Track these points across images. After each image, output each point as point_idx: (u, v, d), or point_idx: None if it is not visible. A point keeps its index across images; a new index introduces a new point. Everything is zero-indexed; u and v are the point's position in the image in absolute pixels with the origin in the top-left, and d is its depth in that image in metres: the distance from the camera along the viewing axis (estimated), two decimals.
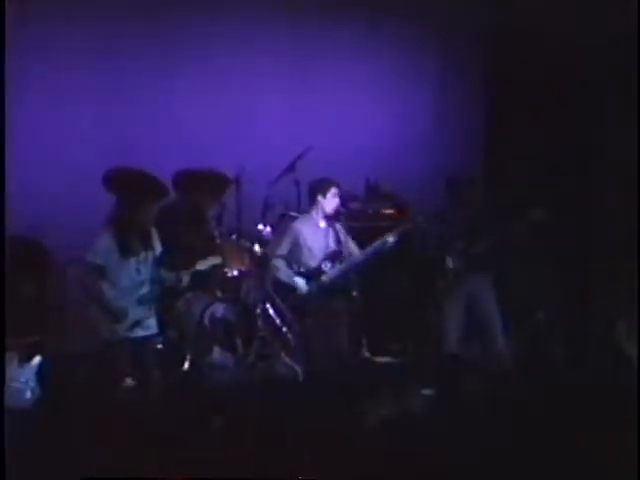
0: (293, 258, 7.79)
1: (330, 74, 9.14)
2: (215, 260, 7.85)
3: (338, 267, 7.73)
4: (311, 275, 7.75)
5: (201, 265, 7.88)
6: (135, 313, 7.02)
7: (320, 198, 7.80)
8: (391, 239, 7.66)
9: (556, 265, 8.55)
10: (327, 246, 7.78)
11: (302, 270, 7.76)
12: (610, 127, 8.63)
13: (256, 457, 5.58)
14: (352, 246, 7.88)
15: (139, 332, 7.04)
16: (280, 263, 7.78)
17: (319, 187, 7.80)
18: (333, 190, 7.79)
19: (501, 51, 9.15)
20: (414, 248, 8.03)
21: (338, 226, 7.83)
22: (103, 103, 8.39)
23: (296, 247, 7.79)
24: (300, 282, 7.74)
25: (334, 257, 7.75)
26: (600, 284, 8.53)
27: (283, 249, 7.79)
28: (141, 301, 7.06)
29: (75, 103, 8.29)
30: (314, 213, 7.86)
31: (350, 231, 7.98)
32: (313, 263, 7.76)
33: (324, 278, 7.71)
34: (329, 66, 9.15)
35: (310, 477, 5.34)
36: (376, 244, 7.72)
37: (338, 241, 7.77)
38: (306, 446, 5.73)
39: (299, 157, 8.09)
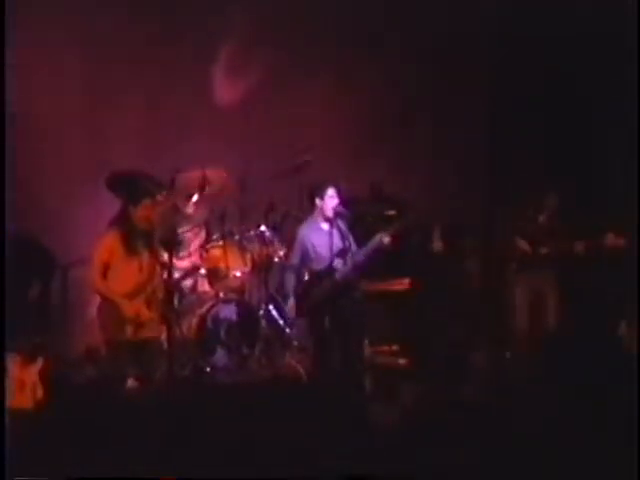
0: (304, 264, 7.77)
1: (332, 75, 9.15)
2: (218, 261, 7.86)
3: (343, 268, 7.72)
4: (322, 276, 7.69)
5: (204, 266, 7.91)
6: (138, 314, 7.04)
7: (318, 201, 7.76)
8: (385, 237, 7.61)
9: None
10: (334, 245, 7.70)
11: (312, 276, 7.74)
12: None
13: (259, 457, 5.60)
14: (353, 246, 7.86)
15: (142, 333, 7.05)
16: (291, 276, 7.79)
17: (316, 190, 7.75)
18: (330, 191, 7.73)
19: (502, 53, 9.16)
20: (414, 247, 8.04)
21: (340, 224, 7.77)
22: (104, 102, 8.41)
23: (306, 252, 7.75)
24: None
25: (343, 254, 7.70)
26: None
27: (295, 257, 7.78)
28: (144, 301, 7.08)
29: (76, 103, 8.31)
30: (316, 216, 7.81)
31: (352, 233, 7.97)
32: (322, 265, 7.71)
33: (336, 277, 7.66)
34: (332, 67, 9.15)
35: (314, 477, 5.36)
36: (371, 242, 7.67)
37: (343, 238, 7.71)
38: (310, 446, 5.74)
39: (302, 158, 8.09)
